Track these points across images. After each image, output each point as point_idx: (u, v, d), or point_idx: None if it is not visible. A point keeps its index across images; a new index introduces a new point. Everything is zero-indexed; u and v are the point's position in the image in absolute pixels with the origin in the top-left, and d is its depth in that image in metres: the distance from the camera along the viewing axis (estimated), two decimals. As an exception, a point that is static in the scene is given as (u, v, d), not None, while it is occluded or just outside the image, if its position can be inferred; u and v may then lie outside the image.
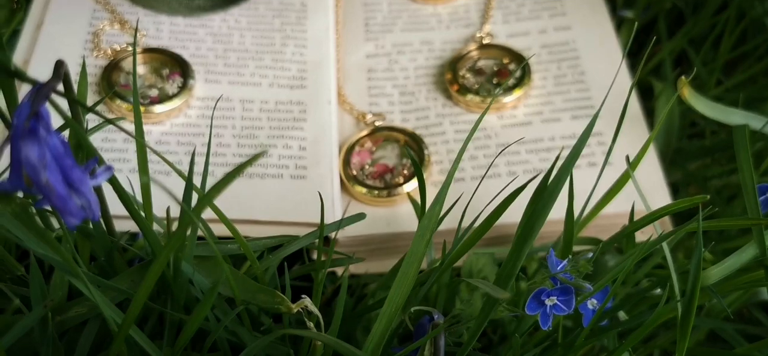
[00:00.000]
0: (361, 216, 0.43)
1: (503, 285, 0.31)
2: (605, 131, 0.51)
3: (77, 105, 0.28)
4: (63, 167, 0.22)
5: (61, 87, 0.27)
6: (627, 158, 0.39)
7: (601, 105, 0.36)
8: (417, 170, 0.38)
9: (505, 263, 0.32)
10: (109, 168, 0.24)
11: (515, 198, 0.33)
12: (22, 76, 0.24)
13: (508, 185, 0.36)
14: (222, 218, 0.34)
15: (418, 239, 0.33)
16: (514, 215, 0.44)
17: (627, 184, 0.47)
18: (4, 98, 0.30)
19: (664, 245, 0.34)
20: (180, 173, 0.33)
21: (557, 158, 0.32)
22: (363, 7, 0.60)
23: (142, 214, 0.36)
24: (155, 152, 0.31)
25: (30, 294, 0.31)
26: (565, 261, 0.32)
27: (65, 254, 0.27)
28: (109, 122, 0.31)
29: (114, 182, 0.34)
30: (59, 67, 0.25)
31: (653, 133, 0.38)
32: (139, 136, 0.33)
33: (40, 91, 0.22)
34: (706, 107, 0.45)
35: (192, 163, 0.36)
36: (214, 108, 0.50)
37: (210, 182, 0.46)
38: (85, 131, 0.33)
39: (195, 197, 0.35)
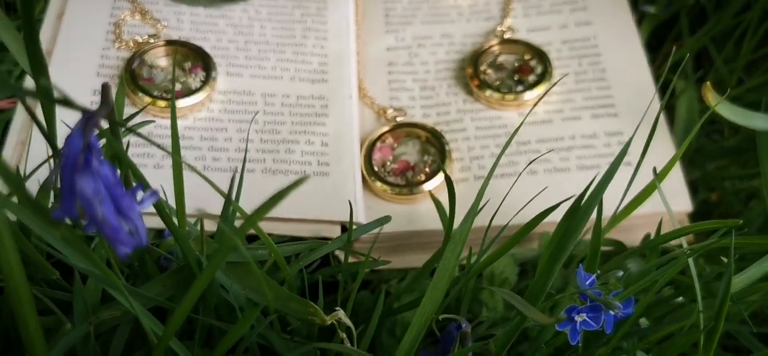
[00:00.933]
0: (386, 219, 0.43)
1: (533, 300, 0.32)
2: (626, 130, 0.51)
3: (117, 125, 0.28)
4: (114, 196, 0.23)
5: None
6: (654, 169, 0.39)
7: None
8: (449, 185, 0.39)
9: (535, 280, 0.33)
10: (155, 193, 0.25)
11: (547, 216, 0.33)
12: (70, 104, 0.24)
13: (535, 193, 0.36)
14: (262, 235, 0.34)
15: (450, 253, 0.33)
16: (535, 212, 0.45)
17: (642, 171, 0.47)
18: (45, 119, 0.30)
19: (690, 262, 0.34)
20: (220, 192, 0.33)
21: (592, 181, 0.33)
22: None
23: (175, 220, 0.36)
24: (195, 170, 0.31)
25: (73, 308, 0.31)
26: (593, 277, 0.33)
27: (109, 272, 0.27)
28: (132, 132, 0.31)
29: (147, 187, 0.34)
30: (107, 93, 0.25)
31: (680, 152, 0.38)
32: (175, 153, 0.33)
33: (91, 120, 0.23)
34: (729, 111, 0.45)
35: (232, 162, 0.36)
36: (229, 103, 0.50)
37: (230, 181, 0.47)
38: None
39: (219, 197, 0.36)
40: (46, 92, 0.28)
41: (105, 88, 0.25)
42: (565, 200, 0.33)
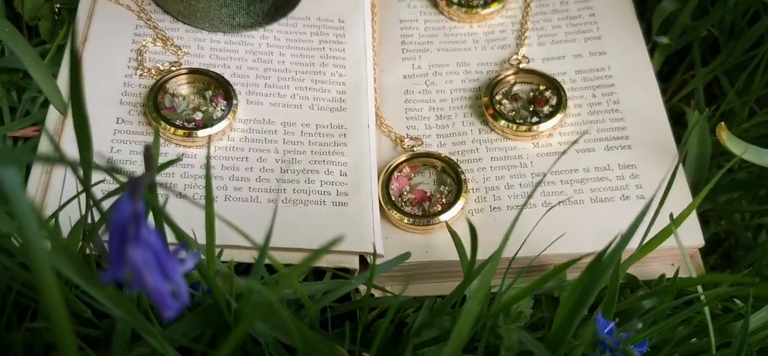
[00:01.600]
0: (406, 256, 0.44)
1: (553, 349, 0.33)
2: (639, 163, 0.52)
3: (154, 171, 0.29)
4: (160, 261, 0.24)
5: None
6: (671, 215, 0.40)
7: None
8: (473, 234, 0.40)
9: (555, 330, 0.33)
10: (196, 254, 0.26)
11: (569, 266, 0.34)
12: (116, 171, 0.25)
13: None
14: (297, 289, 0.35)
15: (475, 298, 0.34)
16: (552, 246, 0.46)
17: (661, 204, 0.48)
18: (83, 183, 0.31)
19: (706, 310, 0.35)
20: (253, 243, 0.34)
21: (614, 239, 0.33)
22: (399, 24, 0.60)
23: (203, 255, 0.37)
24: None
25: (113, 352, 0.32)
26: (612, 325, 0.34)
27: (147, 323, 0.28)
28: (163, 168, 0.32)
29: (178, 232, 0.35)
30: (149, 158, 0.26)
31: (697, 199, 0.39)
32: (209, 207, 0.34)
33: (138, 187, 0.24)
34: (742, 149, 0.46)
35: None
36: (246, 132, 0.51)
37: (254, 210, 0.48)
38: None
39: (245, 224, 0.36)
40: (89, 163, 0.29)
41: (148, 153, 0.26)
42: (589, 258, 0.34)
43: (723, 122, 0.44)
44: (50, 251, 0.26)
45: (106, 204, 0.37)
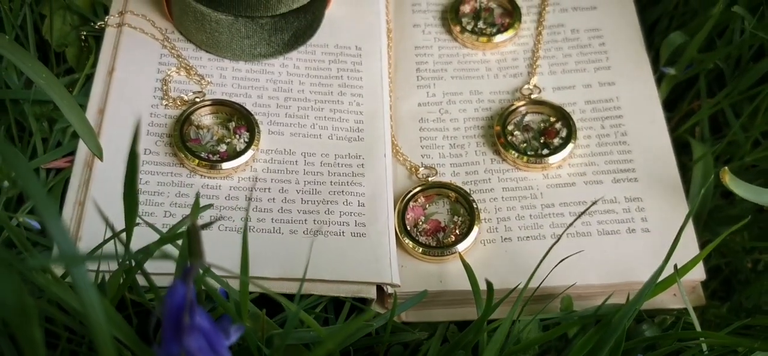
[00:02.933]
0: (423, 295, 0.47)
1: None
2: (645, 197, 0.54)
3: (200, 250, 0.31)
4: (210, 341, 0.26)
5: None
6: (675, 266, 0.42)
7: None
8: (489, 292, 0.42)
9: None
10: (241, 328, 0.28)
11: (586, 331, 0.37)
12: (186, 275, 0.27)
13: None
14: (315, 327, 0.38)
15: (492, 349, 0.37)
16: (559, 277, 0.48)
17: (660, 239, 0.51)
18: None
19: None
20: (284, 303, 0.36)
21: (628, 300, 0.36)
22: (414, 51, 0.62)
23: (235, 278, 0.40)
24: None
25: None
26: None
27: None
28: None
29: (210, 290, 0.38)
30: (197, 239, 0.28)
31: (702, 254, 0.41)
32: (244, 271, 0.36)
33: (190, 274, 0.26)
34: (743, 190, 0.48)
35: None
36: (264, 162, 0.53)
37: (277, 241, 0.50)
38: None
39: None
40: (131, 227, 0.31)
41: (194, 233, 0.28)
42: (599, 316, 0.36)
43: (727, 167, 0.46)
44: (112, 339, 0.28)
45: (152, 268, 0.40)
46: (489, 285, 0.42)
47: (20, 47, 0.43)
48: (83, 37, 0.58)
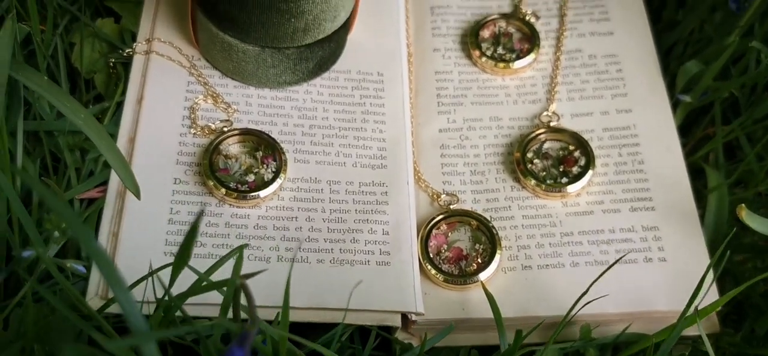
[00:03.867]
0: (449, 330, 0.48)
1: None
2: (661, 225, 0.55)
3: (255, 315, 0.32)
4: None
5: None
6: (696, 308, 0.44)
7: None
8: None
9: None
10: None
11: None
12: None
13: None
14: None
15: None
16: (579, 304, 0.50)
17: (677, 268, 0.52)
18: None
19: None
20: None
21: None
22: (435, 76, 0.63)
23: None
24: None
25: None
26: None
27: None
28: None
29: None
30: (251, 305, 0.29)
31: (723, 299, 0.42)
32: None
33: (246, 342, 0.27)
34: (759, 224, 0.50)
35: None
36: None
37: (304, 270, 0.52)
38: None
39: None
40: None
41: (249, 298, 0.30)
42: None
43: (743, 205, 0.48)
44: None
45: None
46: (518, 334, 0.43)
47: (59, 88, 0.45)
48: (112, 64, 0.59)
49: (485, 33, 0.65)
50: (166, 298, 0.41)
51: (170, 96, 0.58)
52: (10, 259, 0.46)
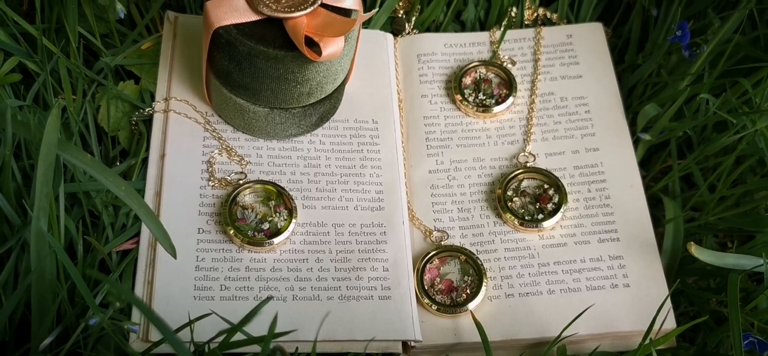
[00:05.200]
0: (445, 359, 0.56)
1: None
2: (625, 254, 0.63)
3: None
4: None
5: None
6: (650, 339, 0.52)
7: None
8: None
9: None
10: None
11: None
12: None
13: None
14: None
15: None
16: (555, 328, 0.57)
17: (638, 293, 0.60)
18: None
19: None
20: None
21: None
22: (423, 121, 0.71)
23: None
24: None
25: None
26: None
27: None
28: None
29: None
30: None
31: (676, 331, 0.51)
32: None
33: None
34: (707, 256, 0.58)
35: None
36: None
37: (315, 309, 0.59)
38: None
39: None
40: None
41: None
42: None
43: (692, 242, 0.56)
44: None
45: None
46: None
47: (100, 163, 0.52)
48: (134, 122, 0.66)
49: (467, 79, 0.72)
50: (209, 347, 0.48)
51: (189, 152, 0.65)
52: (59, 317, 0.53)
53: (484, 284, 0.62)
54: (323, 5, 0.60)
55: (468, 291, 0.62)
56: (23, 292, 0.50)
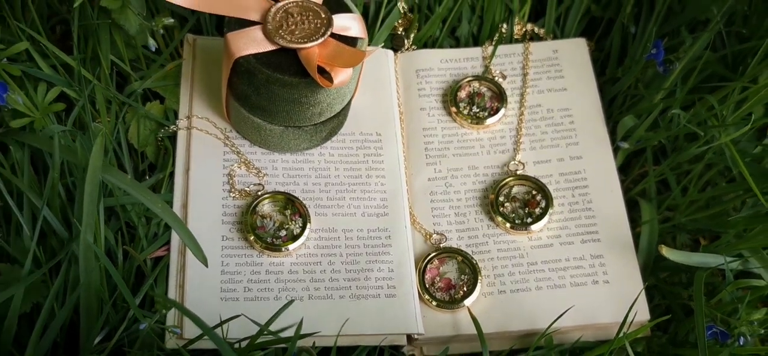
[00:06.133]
0: (446, 351, 0.63)
1: None
2: (605, 254, 0.71)
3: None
4: None
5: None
6: (623, 332, 0.59)
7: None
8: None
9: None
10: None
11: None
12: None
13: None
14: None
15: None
16: (543, 321, 0.64)
17: (617, 288, 0.68)
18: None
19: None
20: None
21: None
22: (422, 132, 0.78)
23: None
24: None
25: None
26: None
27: None
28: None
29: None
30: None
31: (648, 325, 0.58)
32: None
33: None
34: (676, 256, 0.66)
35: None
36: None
37: (329, 307, 0.66)
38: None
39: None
40: None
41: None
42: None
43: (663, 244, 0.63)
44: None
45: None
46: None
47: (142, 186, 0.58)
48: (160, 138, 0.72)
49: (462, 93, 0.79)
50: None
51: (211, 165, 0.71)
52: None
53: (479, 282, 0.69)
54: (332, 35, 0.66)
55: (465, 288, 0.69)
56: (75, 300, 0.57)
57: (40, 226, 0.59)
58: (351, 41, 0.67)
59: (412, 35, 0.83)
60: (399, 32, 0.83)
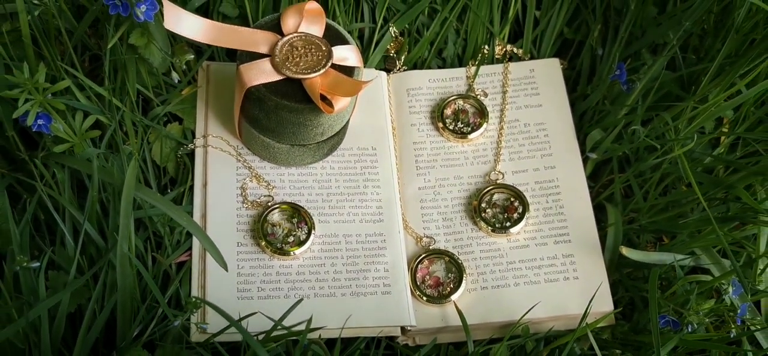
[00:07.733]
0: (435, 341, 0.73)
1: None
2: (575, 253, 0.80)
3: None
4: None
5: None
6: (588, 325, 0.69)
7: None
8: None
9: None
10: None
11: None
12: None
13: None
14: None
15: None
16: (519, 313, 0.74)
17: (585, 284, 0.77)
18: None
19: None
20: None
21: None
22: (413, 146, 0.87)
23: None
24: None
25: None
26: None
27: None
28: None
29: None
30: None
31: (607, 314, 0.68)
32: None
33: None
34: (635, 255, 0.75)
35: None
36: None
37: (332, 303, 0.76)
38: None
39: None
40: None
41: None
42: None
43: (623, 246, 0.73)
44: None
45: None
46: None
47: (170, 202, 0.67)
48: (179, 156, 0.81)
49: (448, 110, 0.88)
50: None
51: (226, 180, 0.80)
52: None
53: (464, 279, 0.78)
54: (332, 65, 0.75)
55: (451, 285, 0.79)
56: (114, 302, 0.66)
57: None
58: (349, 70, 0.76)
59: (403, 57, 0.92)
60: (391, 54, 0.92)
